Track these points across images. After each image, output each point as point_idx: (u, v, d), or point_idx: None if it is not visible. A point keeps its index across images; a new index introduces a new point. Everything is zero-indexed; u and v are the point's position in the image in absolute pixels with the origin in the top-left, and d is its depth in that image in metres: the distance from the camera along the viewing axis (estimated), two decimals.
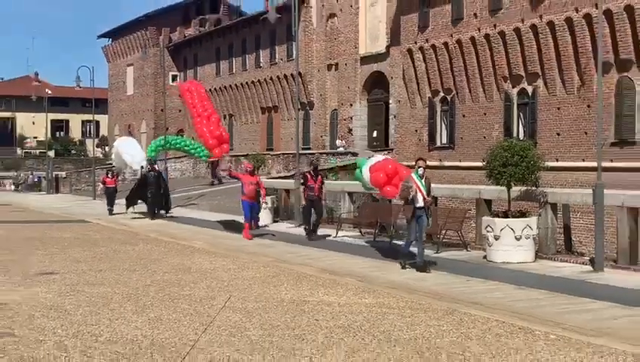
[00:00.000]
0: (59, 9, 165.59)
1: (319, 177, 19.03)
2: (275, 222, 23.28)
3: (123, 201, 27.48)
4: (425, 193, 13.08)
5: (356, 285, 11.83)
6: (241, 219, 20.24)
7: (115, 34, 69.54)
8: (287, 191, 24.79)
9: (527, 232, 14.32)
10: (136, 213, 26.95)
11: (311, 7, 45.51)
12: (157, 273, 13.16)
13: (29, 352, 7.41)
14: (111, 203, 28.70)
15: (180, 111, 62.12)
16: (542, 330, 8.48)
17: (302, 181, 19.60)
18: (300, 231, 20.27)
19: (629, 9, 25.97)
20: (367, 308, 9.81)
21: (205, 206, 31.73)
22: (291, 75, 44.96)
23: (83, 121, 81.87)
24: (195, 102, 22.29)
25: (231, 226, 21.89)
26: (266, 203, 23.20)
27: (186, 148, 29.93)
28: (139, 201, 26.78)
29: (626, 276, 12.58)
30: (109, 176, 30.27)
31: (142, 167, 27.43)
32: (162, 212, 26.50)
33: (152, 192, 25.63)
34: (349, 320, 8.99)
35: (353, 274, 13.10)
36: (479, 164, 16.77)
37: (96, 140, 55.03)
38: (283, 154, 44.13)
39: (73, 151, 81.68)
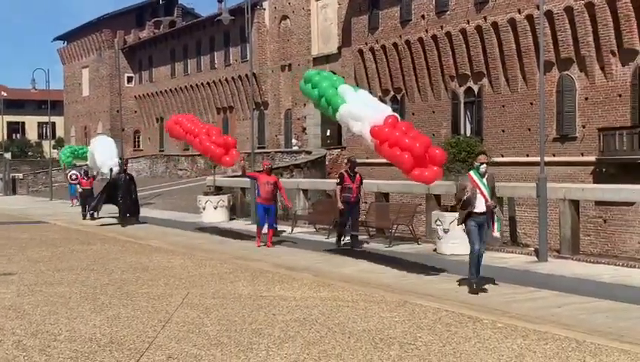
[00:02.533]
0: (13, 12, 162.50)
1: (357, 176, 15.63)
2: (231, 219, 23.22)
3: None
4: (488, 195, 10.47)
5: (311, 280, 11.83)
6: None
7: (70, 36, 68.49)
8: (243, 189, 24.73)
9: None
10: (101, 218, 24.47)
11: (264, 9, 45.41)
12: (115, 272, 12.98)
13: None
14: (85, 207, 25.42)
15: (135, 112, 61.52)
16: (489, 319, 8.59)
17: (338, 181, 15.90)
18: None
19: (569, 10, 26.47)
20: (323, 302, 9.83)
21: (162, 205, 31.45)
22: (246, 75, 44.81)
23: (39, 123, 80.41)
24: (188, 127, 19.83)
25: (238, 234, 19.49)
26: (223, 201, 23.17)
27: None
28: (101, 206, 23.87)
29: (568, 265, 12.84)
30: (85, 176, 27.07)
31: (111, 170, 23.98)
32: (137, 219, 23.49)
33: (122, 197, 22.67)
34: (305, 314, 9.00)
35: (309, 269, 13.08)
36: None
37: (53, 142, 54.21)
38: (240, 153, 43.89)
39: (30, 153, 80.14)
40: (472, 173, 10.61)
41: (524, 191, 16.51)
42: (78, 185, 27.36)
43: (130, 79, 61.85)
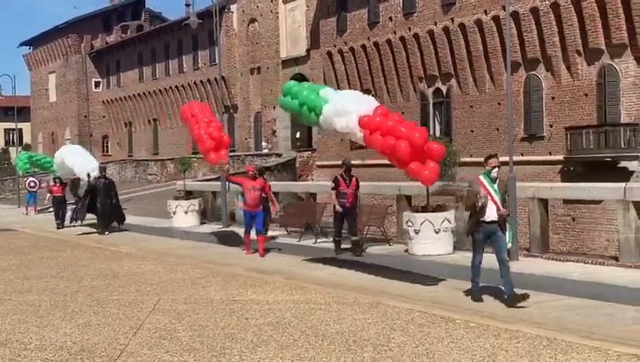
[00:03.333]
0: None
1: (353, 180, 14.82)
2: (202, 224, 23.07)
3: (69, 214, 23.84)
4: (499, 202, 9.54)
5: (284, 283, 11.79)
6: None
7: (36, 42, 67.69)
8: (214, 193, 24.61)
9: (446, 225, 14.56)
10: (83, 226, 22.82)
11: (232, 12, 45.25)
12: (85, 279, 12.83)
13: None
14: (59, 215, 24.33)
15: (103, 117, 60.94)
16: (462, 319, 8.61)
17: (332, 186, 15.01)
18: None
19: (535, 11, 26.75)
20: (295, 305, 9.79)
21: (132, 210, 31.16)
22: (215, 79, 44.63)
23: (6, 130, 79.30)
24: (195, 112, 18.51)
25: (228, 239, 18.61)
26: (195, 206, 23.02)
27: (47, 165, 28.90)
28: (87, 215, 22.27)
29: (538, 264, 12.93)
30: (57, 183, 25.45)
31: (88, 175, 22.20)
32: (115, 224, 22.28)
33: (101, 203, 21.33)
34: (278, 317, 8.96)
35: (280, 272, 13.01)
36: None
37: (20, 148, 53.54)
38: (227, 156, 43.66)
39: None
40: (482, 177, 9.61)
41: None
42: (48, 193, 25.79)
43: (97, 84, 61.25)
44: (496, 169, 9.58)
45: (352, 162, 16.12)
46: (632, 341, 7.38)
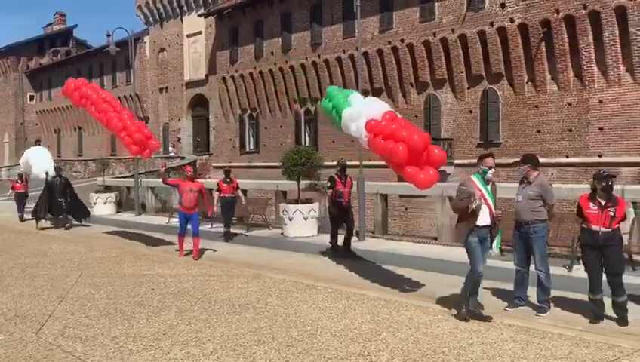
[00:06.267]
0: None
1: (349, 179, 12.32)
2: (118, 212, 22.28)
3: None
4: (492, 205, 6.96)
5: (185, 260, 11.60)
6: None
7: None
8: (129, 187, 23.88)
9: (312, 214, 14.74)
10: (45, 225, 18.83)
11: (145, 42, 43.90)
12: (19, 257, 12.13)
13: None
14: (21, 208, 21.35)
15: (37, 124, 57.80)
16: (322, 286, 8.77)
17: (329, 185, 12.27)
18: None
19: (380, 52, 27.46)
20: (193, 277, 9.67)
21: None
22: (130, 95, 43.10)
23: None
24: (93, 97, 14.33)
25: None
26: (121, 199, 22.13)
27: None
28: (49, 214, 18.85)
29: (380, 243, 13.26)
30: (18, 181, 22.12)
31: (46, 174, 19.29)
32: (73, 221, 18.93)
33: (58, 201, 18.38)
34: (179, 288, 8.82)
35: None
36: (277, 164, 16.99)
37: None
38: (125, 158, 42.15)
39: None
40: (474, 178, 7.02)
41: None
42: (10, 189, 22.25)
43: (32, 97, 58.09)
44: (492, 170, 7.06)
45: (232, 165, 15.75)
46: (446, 301, 7.75)
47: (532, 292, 7.34)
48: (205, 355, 5.65)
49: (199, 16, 37.97)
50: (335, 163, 13.36)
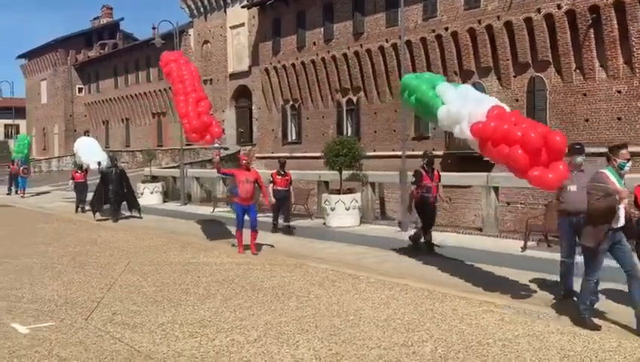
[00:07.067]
0: None
1: (436, 173, 11.12)
2: (164, 202, 22.71)
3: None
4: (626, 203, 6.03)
5: (229, 249, 11.74)
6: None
7: (30, 54, 65.01)
8: (174, 178, 24.31)
9: (354, 204, 14.75)
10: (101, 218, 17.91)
11: (189, 35, 44.44)
12: (69, 246, 12.49)
13: None
14: (82, 199, 20.28)
15: (85, 116, 59.28)
16: (365, 276, 8.77)
17: (413, 179, 11.07)
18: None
19: (424, 40, 27.17)
20: (238, 266, 9.78)
21: None
22: None
23: (5, 125, 75.93)
24: (184, 77, 13.93)
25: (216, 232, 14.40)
26: (157, 189, 22.57)
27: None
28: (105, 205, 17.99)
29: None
30: (78, 171, 21.03)
31: (99, 164, 18.94)
32: (125, 213, 18.17)
33: (113, 191, 17.47)
34: (224, 276, 8.94)
35: (228, 241, 12.94)
36: (319, 154, 17.04)
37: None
38: (170, 149, 42.90)
39: None
40: (609, 173, 5.98)
41: (390, 178, 16.88)
42: (71, 180, 21.21)
43: (80, 89, 59.52)
44: (630, 163, 6.05)
45: (274, 155, 15.76)
46: (490, 292, 7.64)
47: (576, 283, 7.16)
48: (250, 342, 5.72)
49: (242, 7, 38.20)
50: (376, 153, 13.23)
